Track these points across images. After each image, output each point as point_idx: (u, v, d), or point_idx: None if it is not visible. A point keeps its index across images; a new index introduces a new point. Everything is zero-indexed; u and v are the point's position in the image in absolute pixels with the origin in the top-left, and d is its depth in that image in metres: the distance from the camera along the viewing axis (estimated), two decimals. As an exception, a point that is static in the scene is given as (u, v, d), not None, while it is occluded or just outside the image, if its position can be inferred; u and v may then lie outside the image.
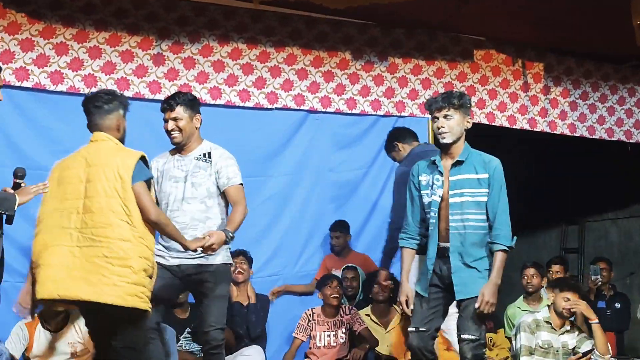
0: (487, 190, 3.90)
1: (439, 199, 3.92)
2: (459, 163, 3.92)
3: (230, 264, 4.24)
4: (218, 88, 5.46)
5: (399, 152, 5.11)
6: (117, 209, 3.37)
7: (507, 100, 6.43)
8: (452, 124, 3.90)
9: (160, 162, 4.24)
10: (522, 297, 5.96)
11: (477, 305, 3.81)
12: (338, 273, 5.68)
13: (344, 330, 5.37)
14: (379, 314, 5.56)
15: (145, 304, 3.34)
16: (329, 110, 5.85)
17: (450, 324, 4.39)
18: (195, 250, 3.78)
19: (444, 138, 3.91)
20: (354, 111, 5.94)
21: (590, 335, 4.98)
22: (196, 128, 4.16)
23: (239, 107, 5.51)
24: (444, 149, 3.98)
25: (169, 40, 5.32)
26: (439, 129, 3.93)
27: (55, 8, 5.01)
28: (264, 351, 5.25)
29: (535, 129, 6.52)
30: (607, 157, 7.32)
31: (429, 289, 3.93)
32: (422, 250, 4.08)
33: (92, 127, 3.61)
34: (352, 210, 5.77)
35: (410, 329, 3.98)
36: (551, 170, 8.17)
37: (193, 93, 5.32)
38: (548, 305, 4.95)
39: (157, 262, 3.73)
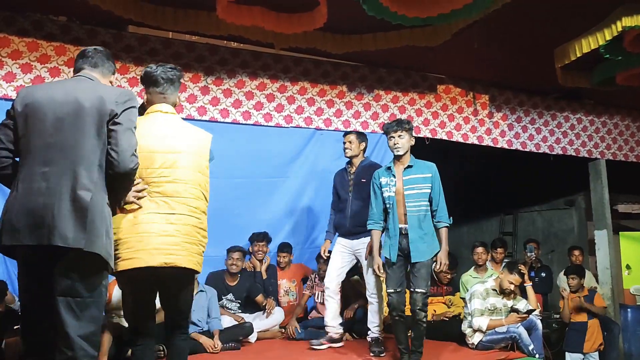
0: (430, 185, 4.15)
1: (393, 194, 4.15)
2: (409, 167, 4.20)
3: None
4: (248, 112, 5.45)
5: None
6: (203, 183, 2.94)
7: (461, 122, 6.42)
8: (403, 141, 4.18)
9: None
10: (473, 267, 5.97)
11: (437, 268, 4.14)
12: None
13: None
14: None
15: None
16: (330, 128, 5.84)
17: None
18: None
19: (398, 151, 4.19)
20: (348, 129, 5.88)
21: (522, 296, 5.01)
22: None
23: (264, 125, 5.50)
24: (397, 158, 4.23)
25: (213, 76, 5.31)
26: (394, 144, 4.19)
27: (128, 51, 5.00)
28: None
29: (482, 144, 6.51)
30: (535, 165, 7.33)
31: (397, 258, 4.11)
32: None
33: (158, 98, 2.97)
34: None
35: (389, 290, 4.15)
36: (493, 174, 8.18)
37: (230, 116, 5.37)
38: (495, 277, 4.97)
39: None
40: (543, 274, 6.52)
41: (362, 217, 4.47)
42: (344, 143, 4.86)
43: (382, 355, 4.44)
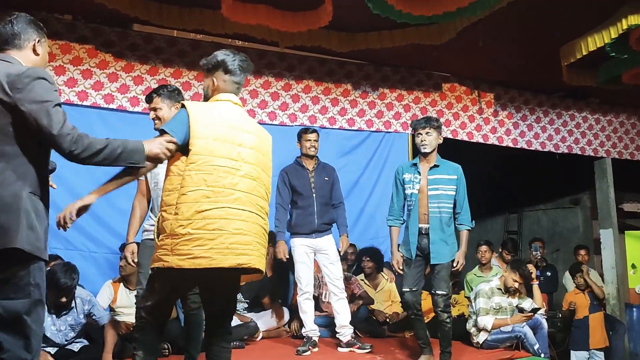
0: (455, 187, 4.06)
1: (417, 192, 4.06)
2: (436, 167, 4.08)
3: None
4: (253, 110, 5.45)
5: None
6: (267, 183, 2.72)
7: (466, 120, 6.40)
8: (431, 139, 4.06)
9: None
10: (477, 266, 5.96)
11: (454, 266, 4.06)
12: None
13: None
14: (369, 279, 5.57)
15: None
16: (334, 127, 5.85)
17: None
18: None
19: (425, 148, 4.06)
20: (353, 128, 5.94)
21: (528, 295, 5.00)
22: None
23: (268, 124, 5.49)
24: (424, 156, 4.11)
25: (218, 74, 5.31)
26: (421, 141, 4.07)
27: (133, 49, 5.01)
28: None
29: (487, 142, 6.50)
30: (540, 164, 7.31)
31: (415, 257, 4.05)
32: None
33: (232, 87, 2.70)
34: (351, 202, 5.72)
35: (404, 289, 4.12)
36: (498, 173, 8.16)
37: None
38: (500, 276, 4.95)
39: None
40: (548, 273, 6.49)
41: (327, 215, 4.56)
42: (309, 141, 4.70)
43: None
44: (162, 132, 2.51)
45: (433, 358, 4.14)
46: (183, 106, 2.57)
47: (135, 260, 3.44)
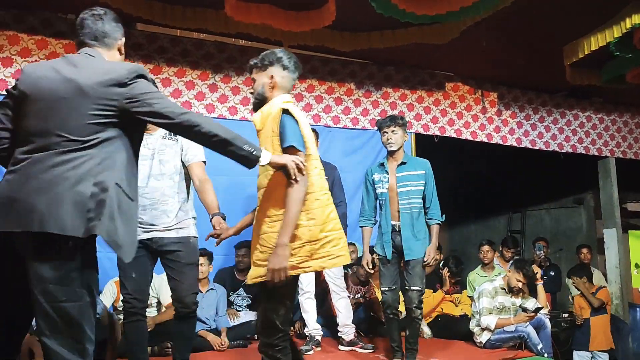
0: (424, 182, 4.08)
1: (386, 190, 4.09)
2: (403, 163, 4.12)
3: (196, 236, 3.45)
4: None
5: None
6: None
7: (470, 120, 6.39)
8: (397, 137, 4.09)
9: None
10: (479, 266, 5.95)
11: (425, 259, 4.02)
12: None
13: (357, 296, 5.34)
14: (373, 279, 5.54)
15: None
16: (338, 126, 5.83)
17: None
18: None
19: (391, 146, 4.11)
20: (357, 127, 5.92)
21: (530, 294, 5.00)
22: None
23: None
24: (390, 154, 4.15)
25: (221, 73, 5.32)
26: (387, 140, 4.10)
27: (136, 49, 5.01)
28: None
29: (491, 142, 6.47)
30: (543, 163, 7.30)
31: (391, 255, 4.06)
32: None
33: (291, 85, 2.75)
34: (356, 201, 5.68)
35: (384, 288, 4.11)
36: (501, 172, 8.15)
37: (238, 113, 5.37)
38: (503, 276, 4.95)
39: None
40: (552, 273, 6.49)
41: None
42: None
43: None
44: (290, 149, 2.47)
45: None
46: (286, 112, 2.53)
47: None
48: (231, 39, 5.33)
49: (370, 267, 4.17)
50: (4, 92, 2.42)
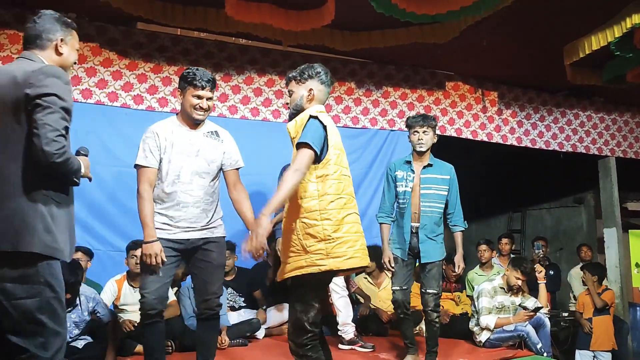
0: (447, 187, 4.03)
1: (410, 190, 4.01)
2: (429, 166, 4.06)
3: (225, 236, 3.44)
4: (257, 108, 5.45)
5: None
6: None
7: (470, 119, 6.39)
8: (427, 138, 4.03)
9: (167, 132, 3.21)
10: (478, 265, 5.97)
11: (456, 270, 4.08)
12: None
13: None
14: (373, 278, 5.57)
15: None
16: (338, 125, 5.77)
17: None
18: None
19: (421, 147, 4.03)
20: (357, 126, 5.93)
21: (531, 293, 5.00)
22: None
23: (272, 122, 5.49)
24: (418, 154, 4.07)
25: (221, 73, 5.32)
26: (418, 140, 4.02)
27: (137, 48, 5.02)
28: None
29: (491, 141, 6.48)
30: (544, 162, 7.30)
31: (407, 256, 4.03)
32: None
33: (326, 98, 2.93)
34: (357, 200, 5.69)
35: (394, 287, 4.07)
36: (502, 171, 8.15)
37: (238, 112, 5.38)
38: (502, 275, 4.95)
39: (162, 237, 3.09)
40: (551, 272, 6.50)
41: None
42: None
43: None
44: (304, 145, 2.64)
45: (418, 358, 4.13)
46: (313, 117, 2.71)
47: (164, 259, 3.10)
48: (231, 38, 5.33)
49: (392, 265, 4.07)
50: None
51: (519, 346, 4.60)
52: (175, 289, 4.72)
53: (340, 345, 4.56)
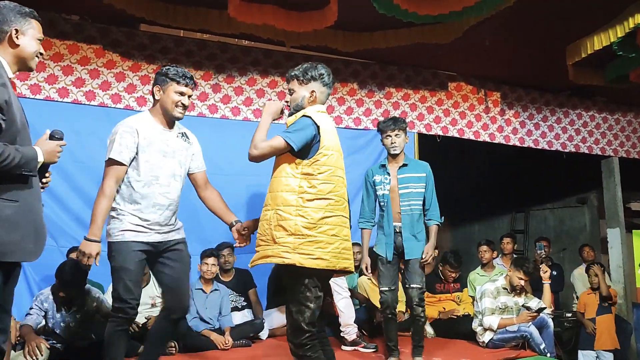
0: (424, 184, 4.15)
1: (388, 192, 4.14)
2: (404, 165, 4.18)
3: None
4: (259, 109, 5.45)
5: None
6: None
7: (473, 119, 6.39)
8: (400, 140, 4.18)
9: (145, 129, 3.04)
10: (479, 266, 5.96)
11: (423, 257, 4.08)
12: None
13: None
14: (375, 278, 5.55)
15: None
16: (340, 126, 5.82)
17: None
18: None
19: (395, 150, 4.17)
20: (359, 127, 5.93)
21: (535, 293, 5.00)
22: None
23: (275, 123, 5.47)
24: (392, 157, 4.21)
25: (224, 74, 5.33)
26: (391, 143, 4.17)
27: (140, 49, 5.03)
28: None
29: (494, 141, 6.48)
30: (547, 163, 7.30)
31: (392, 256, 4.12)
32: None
33: (325, 98, 2.95)
34: (357, 202, 5.66)
35: (383, 288, 4.15)
36: (504, 172, 8.14)
37: (241, 114, 5.38)
38: (505, 275, 4.94)
39: (135, 240, 2.94)
40: (554, 272, 6.49)
41: None
42: None
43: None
44: (277, 137, 2.73)
45: None
46: (306, 116, 2.74)
47: (97, 264, 2.91)
48: (234, 40, 5.34)
49: (369, 271, 4.23)
50: None
51: (522, 347, 4.59)
52: None
53: (343, 347, 4.57)
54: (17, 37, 2.23)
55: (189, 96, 3.12)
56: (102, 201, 2.90)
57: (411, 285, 4.06)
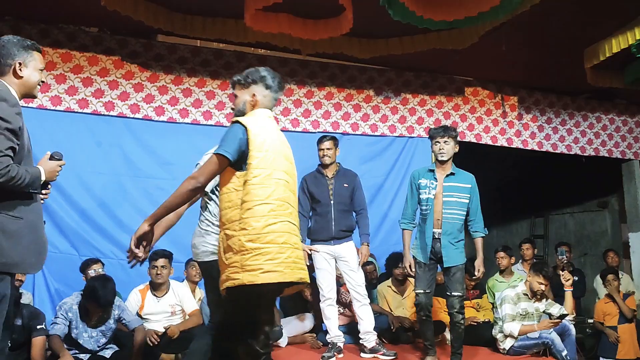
0: (469, 195, 4.20)
1: (433, 197, 4.18)
2: (452, 174, 4.23)
3: None
4: (276, 118, 5.47)
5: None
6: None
7: (490, 124, 6.37)
8: (449, 147, 4.21)
9: None
10: (498, 272, 5.92)
11: (476, 274, 4.24)
12: None
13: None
14: (397, 286, 5.53)
15: None
16: (357, 133, 5.86)
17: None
18: None
19: (443, 156, 4.21)
20: (375, 133, 5.94)
21: (556, 299, 4.94)
22: None
23: (291, 131, 5.53)
24: (440, 163, 4.25)
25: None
26: (439, 150, 4.21)
27: (158, 60, 5.10)
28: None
29: (512, 146, 6.44)
30: (566, 166, 7.23)
31: (429, 260, 4.19)
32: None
33: (271, 103, 2.70)
34: (374, 208, 5.70)
35: (418, 291, 4.23)
36: (523, 176, 8.08)
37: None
38: (525, 281, 4.90)
39: None
40: (576, 278, 6.40)
41: (346, 222, 4.55)
42: (322, 150, 4.69)
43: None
44: (217, 155, 2.44)
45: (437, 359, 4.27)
46: (237, 122, 2.52)
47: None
48: (250, 49, 5.39)
49: (413, 269, 4.26)
50: None
51: (544, 353, 4.54)
52: (198, 297, 4.76)
53: (362, 354, 4.56)
54: (20, 70, 2.43)
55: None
56: None
57: (452, 293, 4.14)
